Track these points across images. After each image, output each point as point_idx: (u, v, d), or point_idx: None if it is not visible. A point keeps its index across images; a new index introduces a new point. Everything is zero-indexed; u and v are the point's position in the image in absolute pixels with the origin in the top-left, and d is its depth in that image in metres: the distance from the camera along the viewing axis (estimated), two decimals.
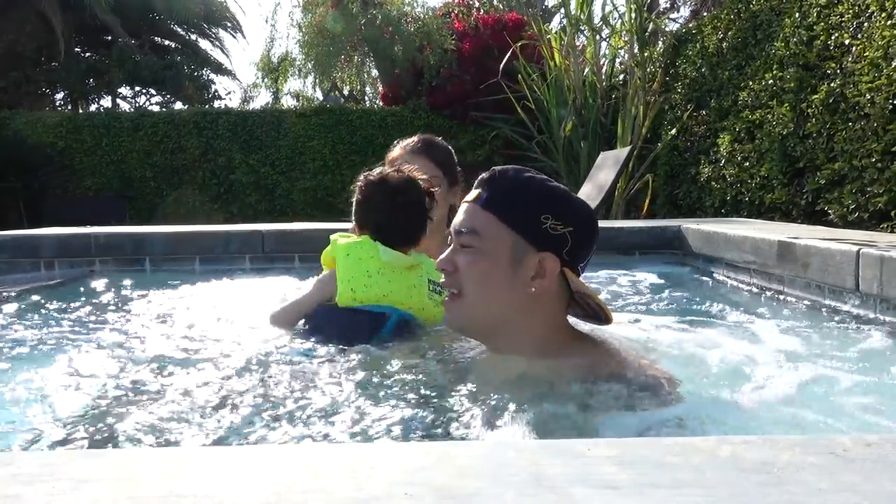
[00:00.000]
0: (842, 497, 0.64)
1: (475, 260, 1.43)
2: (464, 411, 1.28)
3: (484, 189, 1.46)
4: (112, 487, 0.68)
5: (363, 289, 1.87)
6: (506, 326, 1.46)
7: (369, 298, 1.87)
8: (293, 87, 16.44)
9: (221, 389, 1.46)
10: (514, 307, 1.44)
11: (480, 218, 1.44)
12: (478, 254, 1.43)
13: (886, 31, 3.97)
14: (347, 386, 1.44)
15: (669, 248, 3.71)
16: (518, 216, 1.42)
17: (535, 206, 1.42)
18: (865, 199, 4.07)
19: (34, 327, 2.23)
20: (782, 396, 1.35)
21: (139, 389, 1.49)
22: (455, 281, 1.46)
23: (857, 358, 1.69)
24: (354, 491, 0.67)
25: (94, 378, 1.58)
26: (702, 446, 0.79)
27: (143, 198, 10.81)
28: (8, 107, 12.12)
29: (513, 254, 1.42)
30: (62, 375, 1.59)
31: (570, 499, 0.64)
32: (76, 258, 3.67)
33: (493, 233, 1.42)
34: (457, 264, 1.45)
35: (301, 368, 1.61)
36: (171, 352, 1.81)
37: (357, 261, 1.89)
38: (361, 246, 1.91)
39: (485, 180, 1.48)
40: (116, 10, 14.51)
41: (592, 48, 8.61)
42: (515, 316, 1.45)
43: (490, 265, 1.42)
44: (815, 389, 1.41)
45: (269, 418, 1.28)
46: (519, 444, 0.93)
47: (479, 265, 1.43)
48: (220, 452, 0.97)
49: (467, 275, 1.44)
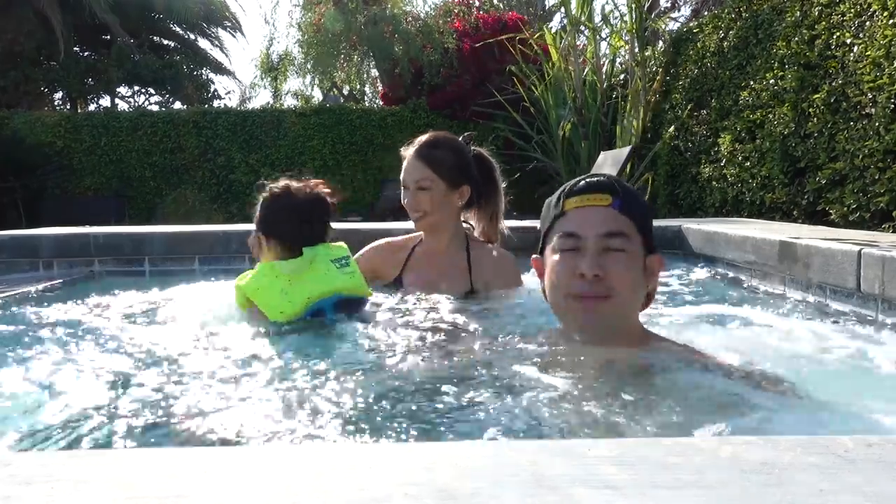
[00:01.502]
0: (843, 498, 0.64)
1: (627, 264, 1.48)
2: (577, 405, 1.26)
3: (614, 195, 1.49)
4: (111, 488, 0.68)
5: (289, 305, 1.99)
6: (625, 322, 1.53)
7: (299, 308, 2.00)
8: (293, 86, 16.45)
9: (221, 389, 1.46)
10: (638, 306, 1.56)
11: (623, 222, 1.48)
12: (628, 258, 1.48)
13: (888, 31, 3.97)
14: (348, 386, 1.44)
15: (670, 247, 3.71)
16: (644, 222, 1.53)
17: (648, 212, 1.56)
18: (867, 198, 4.07)
19: (33, 327, 2.23)
20: (782, 396, 1.35)
21: (139, 389, 1.49)
22: (603, 285, 1.46)
23: (857, 358, 1.68)
24: (354, 491, 0.66)
25: (93, 378, 1.57)
26: (703, 446, 0.78)
27: (142, 198, 10.81)
28: (7, 106, 12.12)
29: (643, 256, 1.51)
30: (61, 376, 1.58)
31: (570, 499, 0.64)
32: (75, 258, 3.67)
33: (634, 236, 1.49)
34: (606, 269, 1.45)
35: (300, 368, 1.61)
36: (170, 352, 1.81)
37: (268, 288, 2.02)
38: (262, 274, 2.05)
39: (606, 185, 1.51)
40: (116, 9, 14.51)
41: (593, 48, 8.61)
42: (635, 314, 1.56)
43: (636, 267, 1.50)
44: (815, 389, 1.41)
45: (269, 418, 1.28)
46: (519, 445, 0.92)
47: (629, 269, 1.48)
48: (220, 452, 0.96)
49: (619, 277, 1.46)
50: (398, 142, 9.13)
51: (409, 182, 2.43)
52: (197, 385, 1.50)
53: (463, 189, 2.46)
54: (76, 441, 1.20)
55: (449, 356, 1.67)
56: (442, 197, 2.42)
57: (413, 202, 2.42)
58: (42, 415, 1.33)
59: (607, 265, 1.45)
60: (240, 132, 10.86)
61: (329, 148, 10.82)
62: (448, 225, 2.48)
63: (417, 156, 2.42)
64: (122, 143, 10.79)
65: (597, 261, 1.45)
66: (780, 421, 1.20)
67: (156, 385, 1.51)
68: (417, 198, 2.41)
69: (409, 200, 2.43)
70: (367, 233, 3.06)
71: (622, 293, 1.47)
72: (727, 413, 1.21)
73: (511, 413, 1.23)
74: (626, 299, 1.49)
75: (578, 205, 1.50)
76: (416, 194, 2.41)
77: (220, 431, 1.23)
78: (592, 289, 1.46)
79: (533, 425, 1.18)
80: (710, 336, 1.83)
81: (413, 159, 2.43)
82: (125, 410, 1.34)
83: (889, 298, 2.09)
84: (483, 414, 1.26)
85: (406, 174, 2.44)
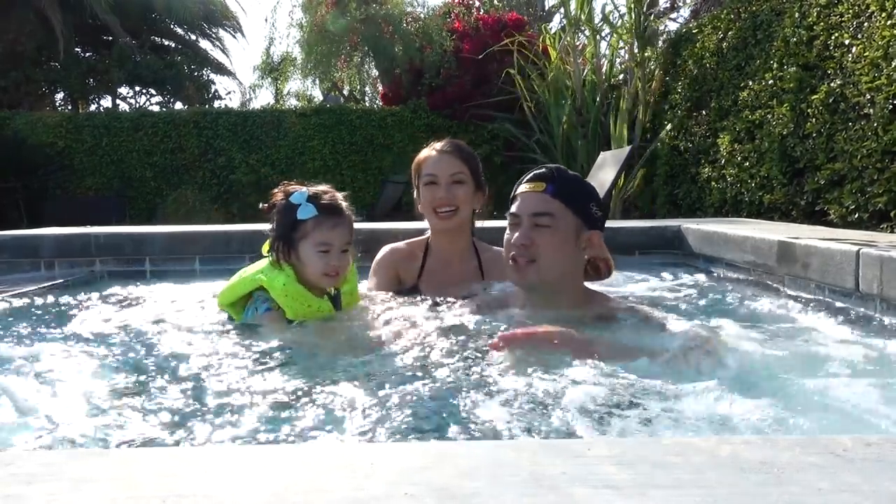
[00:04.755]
0: (842, 497, 0.64)
1: (551, 237, 1.87)
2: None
3: (548, 182, 1.90)
4: (112, 487, 0.68)
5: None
6: (564, 285, 1.93)
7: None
8: (293, 87, 16.44)
9: (221, 389, 1.46)
10: (571, 271, 1.94)
11: (553, 204, 1.88)
12: (553, 232, 1.87)
13: (886, 31, 3.97)
14: (348, 386, 1.44)
15: (669, 247, 3.71)
16: (578, 203, 1.91)
17: (586, 195, 1.95)
18: (865, 199, 4.07)
19: (34, 327, 2.23)
20: (782, 396, 1.35)
21: (139, 389, 1.49)
22: (528, 253, 1.87)
23: (857, 358, 1.68)
24: (354, 491, 0.67)
25: (94, 378, 1.58)
26: (702, 446, 0.79)
27: (143, 198, 10.80)
28: (8, 107, 12.11)
29: (576, 231, 1.89)
30: (62, 376, 1.59)
31: (569, 499, 0.64)
32: (76, 258, 3.67)
33: (563, 215, 1.88)
34: (533, 239, 1.87)
35: (301, 368, 1.61)
36: (171, 352, 1.81)
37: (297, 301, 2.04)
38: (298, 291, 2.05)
39: (546, 175, 1.92)
40: (116, 9, 14.49)
41: (592, 48, 8.61)
42: (571, 276, 1.95)
43: (561, 239, 1.88)
44: (814, 389, 1.41)
45: (269, 418, 1.28)
46: (519, 444, 0.93)
47: (552, 240, 1.87)
48: (220, 452, 0.97)
49: (543, 246, 1.87)
50: (398, 142, 9.17)
51: (442, 176, 2.36)
52: (197, 385, 1.50)
53: (480, 194, 2.46)
54: (77, 440, 1.20)
55: (450, 355, 1.67)
56: (471, 195, 2.41)
57: (448, 196, 2.36)
58: (43, 414, 1.33)
59: (534, 237, 1.87)
60: (240, 132, 10.85)
61: (329, 148, 10.81)
62: (466, 229, 2.47)
63: (450, 151, 2.40)
64: (122, 144, 10.78)
65: (527, 234, 1.88)
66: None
67: (156, 385, 1.52)
68: (452, 191, 2.36)
69: (443, 194, 2.36)
70: (369, 233, 3.06)
71: (545, 259, 1.87)
72: (647, 354, 1.54)
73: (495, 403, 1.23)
74: (550, 264, 1.88)
75: (522, 191, 1.94)
76: (451, 188, 2.36)
77: (220, 431, 1.23)
78: (522, 254, 1.88)
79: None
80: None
81: (445, 155, 2.39)
82: (126, 410, 1.34)
83: (887, 298, 2.10)
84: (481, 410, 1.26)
85: (437, 168, 2.38)
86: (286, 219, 2.03)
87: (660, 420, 1.21)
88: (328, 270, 2.01)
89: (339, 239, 2.01)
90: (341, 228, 2.02)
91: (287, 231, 2.02)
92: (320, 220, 1.99)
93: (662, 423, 1.20)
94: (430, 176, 2.39)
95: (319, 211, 2.00)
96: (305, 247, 2.00)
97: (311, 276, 2.03)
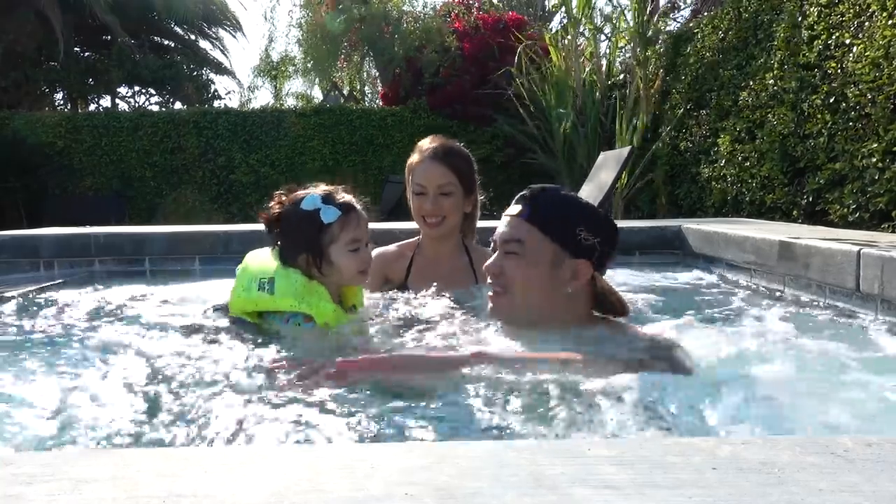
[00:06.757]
0: (842, 497, 0.64)
1: (518, 265, 1.68)
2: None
3: (525, 205, 1.71)
4: (112, 487, 0.68)
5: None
6: (543, 320, 1.70)
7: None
8: (293, 87, 16.45)
9: (221, 389, 1.46)
10: (552, 304, 1.70)
11: (523, 230, 1.69)
12: (521, 260, 1.68)
13: (887, 31, 3.97)
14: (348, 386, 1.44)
15: (670, 247, 3.71)
16: (557, 229, 1.68)
17: (572, 220, 1.69)
18: (866, 199, 4.07)
19: (34, 327, 2.23)
20: (782, 396, 1.35)
21: (139, 389, 1.49)
22: (500, 282, 1.71)
23: (857, 358, 1.68)
24: (354, 491, 0.67)
25: (94, 378, 1.58)
26: (702, 446, 0.79)
27: (142, 197, 10.81)
28: (7, 107, 12.10)
29: (552, 260, 1.67)
30: (62, 376, 1.59)
31: (569, 499, 0.64)
32: (76, 258, 3.67)
33: (536, 243, 1.67)
34: (503, 268, 1.70)
35: (301, 368, 1.61)
36: (171, 352, 1.81)
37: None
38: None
39: (526, 197, 1.72)
40: (116, 9, 14.49)
41: (593, 48, 8.61)
42: (554, 311, 1.70)
43: (531, 269, 1.67)
44: (815, 389, 1.41)
45: (269, 418, 1.28)
46: (518, 444, 0.93)
47: (521, 269, 1.68)
48: (220, 452, 0.97)
49: (512, 276, 1.69)
50: (398, 142, 9.18)
51: (429, 186, 2.37)
52: (197, 385, 1.50)
53: (472, 197, 2.46)
54: (77, 440, 1.20)
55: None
56: (460, 202, 2.41)
57: (434, 206, 2.37)
58: (43, 414, 1.33)
59: (503, 265, 1.70)
60: (240, 132, 10.85)
61: (329, 148, 10.82)
62: (455, 232, 2.48)
63: (438, 160, 2.38)
64: (122, 144, 10.78)
65: (497, 262, 1.72)
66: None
67: (157, 385, 1.52)
68: (439, 202, 2.37)
69: (429, 205, 2.37)
70: (371, 232, 3.05)
71: (514, 290, 1.69)
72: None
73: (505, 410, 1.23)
74: (521, 297, 1.69)
75: (505, 214, 1.77)
76: (438, 199, 2.37)
77: (220, 431, 1.23)
78: (494, 283, 1.73)
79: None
80: (708, 336, 1.83)
81: (433, 163, 2.38)
82: (126, 410, 1.34)
83: (888, 298, 2.10)
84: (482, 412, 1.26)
85: (425, 178, 2.38)
86: (310, 227, 1.91)
87: (658, 422, 1.21)
88: (363, 267, 1.96)
89: (365, 233, 1.97)
90: (363, 222, 1.98)
91: (314, 240, 1.91)
92: (345, 220, 1.92)
93: (661, 423, 1.20)
94: (418, 186, 2.40)
95: (342, 210, 1.93)
96: (336, 250, 1.92)
97: (347, 277, 1.96)
